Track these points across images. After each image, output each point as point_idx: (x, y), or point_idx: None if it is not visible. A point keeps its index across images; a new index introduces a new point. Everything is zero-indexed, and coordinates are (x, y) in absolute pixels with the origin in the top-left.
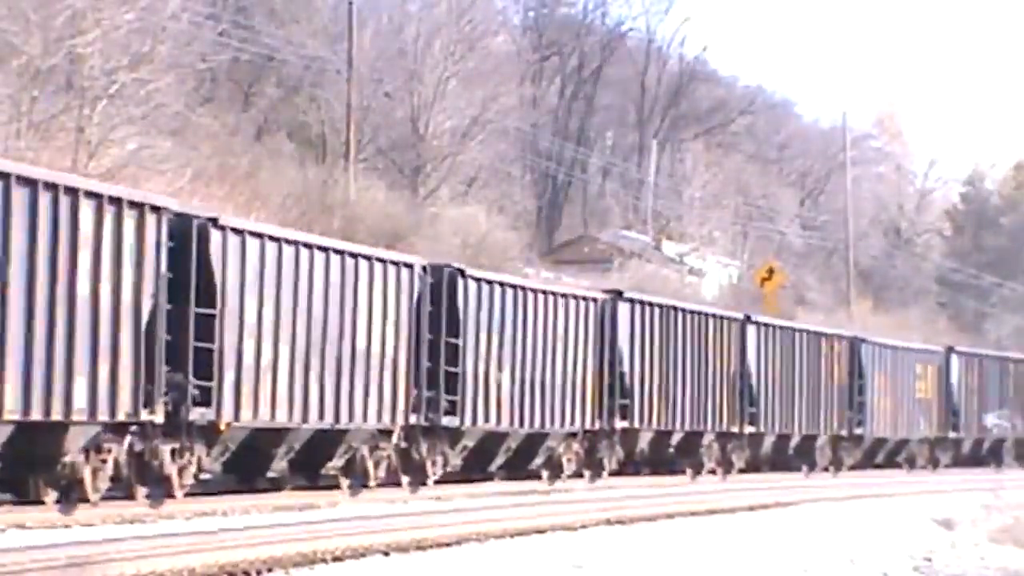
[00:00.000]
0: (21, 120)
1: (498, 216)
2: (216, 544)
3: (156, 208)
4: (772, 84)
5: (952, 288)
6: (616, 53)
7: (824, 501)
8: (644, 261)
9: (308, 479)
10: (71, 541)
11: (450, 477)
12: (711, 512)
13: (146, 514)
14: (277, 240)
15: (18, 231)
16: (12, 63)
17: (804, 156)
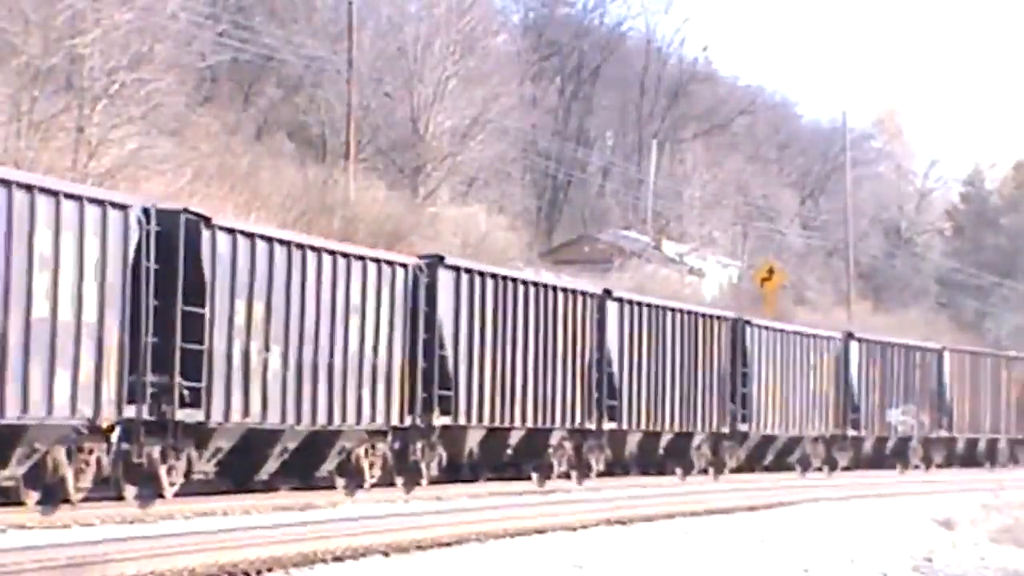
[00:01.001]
0: (21, 120)
1: (498, 216)
2: (216, 544)
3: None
4: (772, 84)
5: (952, 288)
6: (616, 53)
7: (824, 501)
8: (644, 261)
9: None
10: (71, 541)
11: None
12: (710, 512)
13: (146, 514)
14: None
15: None
16: (12, 63)
17: (804, 156)
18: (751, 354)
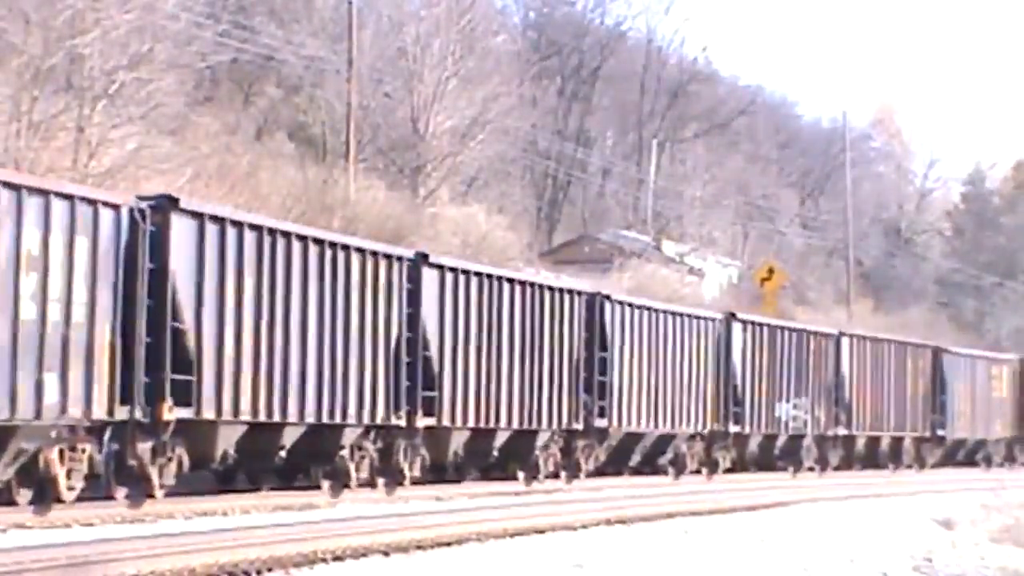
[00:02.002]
0: (21, 120)
1: (498, 216)
2: (216, 544)
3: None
4: (772, 84)
5: (952, 288)
6: (616, 53)
7: (823, 501)
8: (644, 261)
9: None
10: (71, 541)
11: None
12: (711, 512)
13: (145, 514)
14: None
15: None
16: (12, 63)
17: (804, 156)
18: (610, 336)
